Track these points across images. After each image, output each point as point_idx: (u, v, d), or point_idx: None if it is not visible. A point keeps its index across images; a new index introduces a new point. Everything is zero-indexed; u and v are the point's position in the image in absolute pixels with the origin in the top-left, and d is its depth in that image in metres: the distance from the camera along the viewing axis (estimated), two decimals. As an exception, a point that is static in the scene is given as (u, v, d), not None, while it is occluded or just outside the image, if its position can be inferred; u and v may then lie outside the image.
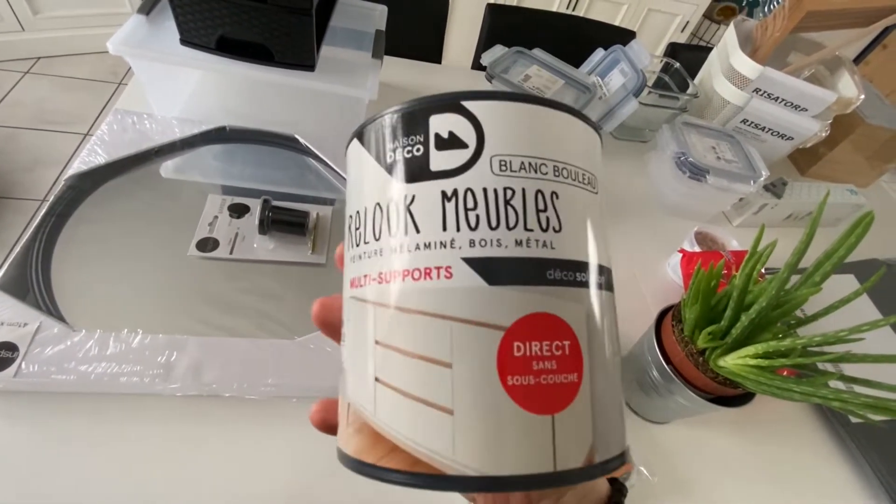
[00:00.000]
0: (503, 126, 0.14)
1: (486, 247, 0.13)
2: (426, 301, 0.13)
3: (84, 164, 0.46)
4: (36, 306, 0.36)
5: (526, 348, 0.13)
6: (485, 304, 0.13)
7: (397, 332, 0.13)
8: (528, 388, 0.12)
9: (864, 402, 0.26)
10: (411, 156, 0.14)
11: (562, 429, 0.13)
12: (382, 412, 0.13)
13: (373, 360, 0.14)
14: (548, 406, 0.13)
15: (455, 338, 0.13)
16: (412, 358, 0.13)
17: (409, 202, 0.14)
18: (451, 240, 0.13)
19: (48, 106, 1.46)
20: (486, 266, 0.13)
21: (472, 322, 0.13)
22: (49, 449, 0.33)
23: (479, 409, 0.12)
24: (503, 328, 0.13)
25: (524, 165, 0.14)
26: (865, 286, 0.30)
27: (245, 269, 0.43)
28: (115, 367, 0.34)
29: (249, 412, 0.37)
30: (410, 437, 0.13)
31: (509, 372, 0.12)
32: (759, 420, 0.47)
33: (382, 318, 0.14)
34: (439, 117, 0.14)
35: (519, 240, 0.13)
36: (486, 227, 0.13)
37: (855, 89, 0.66)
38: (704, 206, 0.64)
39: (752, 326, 0.32)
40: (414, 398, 0.13)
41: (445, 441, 0.12)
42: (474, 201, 0.13)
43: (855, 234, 0.30)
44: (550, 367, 0.13)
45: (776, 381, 0.30)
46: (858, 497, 0.44)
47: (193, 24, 0.46)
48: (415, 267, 0.13)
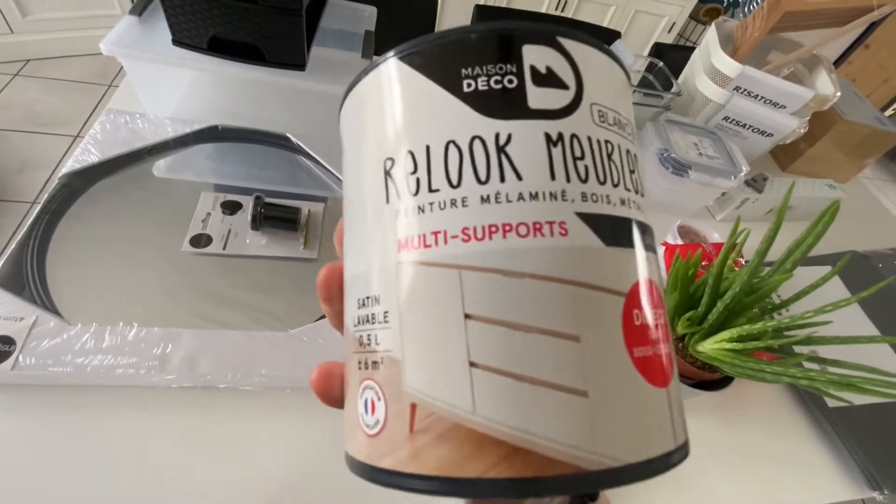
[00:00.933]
0: (597, 74, 0.13)
1: (597, 202, 0.12)
2: (540, 262, 0.11)
3: (77, 163, 0.47)
4: (32, 301, 0.37)
5: (642, 317, 0.12)
6: (605, 267, 0.11)
7: (504, 301, 0.11)
8: (648, 360, 0.11)
9: (828, 380, 0.27)
10: (502, 87, 0.12)
11: (674, 401, 0.12)
12: (488, 406, 0.11)
13: (465, 339, 0.11)
14: (664, 378, 0.12)
15: (579, 305, 0.11)
16: (528, 333, 0.11)
17: (505, 142, 0.12)
18: (563, 191, 0.11)
19: (38, 108, 1.45)
20: (601, 224, 0.12)
21: (595, 287, 0.11)
22: (46, 440, 0.33)
23: (615, 388, 0.11)
24: (623, 294, 0.11)
25: (616, 121, 0.13)
26: (834, 271, 0.31)
27: (238, 264, 0.44)
28: (111, 360, 0.35)
29: (244, 403, 0.38)
30: (536, 431, 0.10)
31: (634, 343, 0.11)
32: (740, 406, 0.49)
33: (477, 284, 0.11)
34: (534, 49, 0.12)
35: (623, 199, 0.12)
36: (596, 180, 0.12)
37: (832, 87, 0.68)
38: (688, 201, 0.65)
39: (727, 312, 0.34)
40: (536, 382, 0.10)
41: (584, 430, 0.10)
42: (581, 150, 0.12)
43: (822, 223, 0.31)
44: (659, 337, 0.12)
45: (749, 362, 0.32)
46: (836, 479, 0.46)
47: (185, 25, 0.47)
48: (520, 221, 0.11)
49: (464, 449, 0.11)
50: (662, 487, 0.42)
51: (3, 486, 0.31)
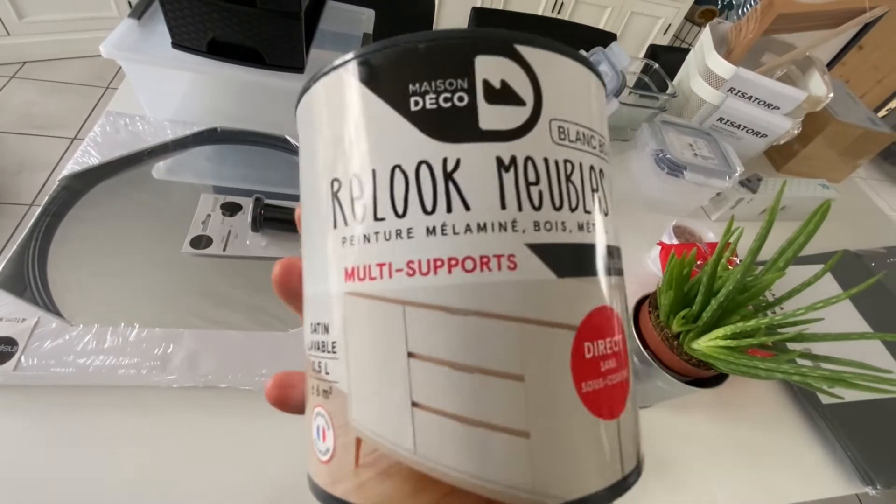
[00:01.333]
0: (560, 84, 0.12)
1: (551, 231, 0.11)
2: (485, 298, 0.10)
3: (78, 165, 0.47)
4: (34, 302, 0.37)
5: (595, 348, 0.11)
6: (555, 300, 0.11)
7: (447, 339, 0.10)
8: (598, 393, 0.11)
9: (820, 375, 0.28)
10: (451, 106, 0.11)
11: (624, 430, 0.12)
12: (428, 446, 0.10)
13: (407, 378, 0.11)
14: (614, 409, 0.11)
15: (525, 343, 0.10)
16: (471, 373, 0.10)
17: (452, 168, 0.11)
18: (513, 220, 0.11)
19: (34, 110, 1.45)
20: (554, 254, 0.11)
21: (544, 322, 0.11)
22: (49, 440, 0.34)
23: (558, 426, 0.10)
24: (574, 327, 0.11)
25: (580, 136, 0.12)
26: (825, 269, 0.32)
27: (238, 265, 0.45)
28: (113, 360, 0.35)
29: (244, 402, 0.38)
30: (475, 473, 0.10)
31: (583, 377, 0.11)
32: (736, 404, 0.49)
33: (421, 321, 0.11)
34: (488, 60, 0.11)
35: (581, 223, 0.11)
36: (551, 206, 0.11)
37: (824, 88, 0.69)
38: (683, 201, 0.66)
39: (721, 310, 0.34)
40: (476, 423, 0.10)
41: (523, 471, 0.10)
42: (536, 174, 0.11)
43: (814, 222, 0.32)
44: (612, 367, 0.11)
45: (743, 359, 0.32)
46: (829, 475, 0.47)
47: (185, 28, 0.47)
48: (466, 254, 0.11)
49: (404, 487, 0.10)
50: (657, 483, 0.42)
51: (5, 486, 0.31)
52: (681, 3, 1.87)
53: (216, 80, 0.54)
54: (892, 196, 2.31)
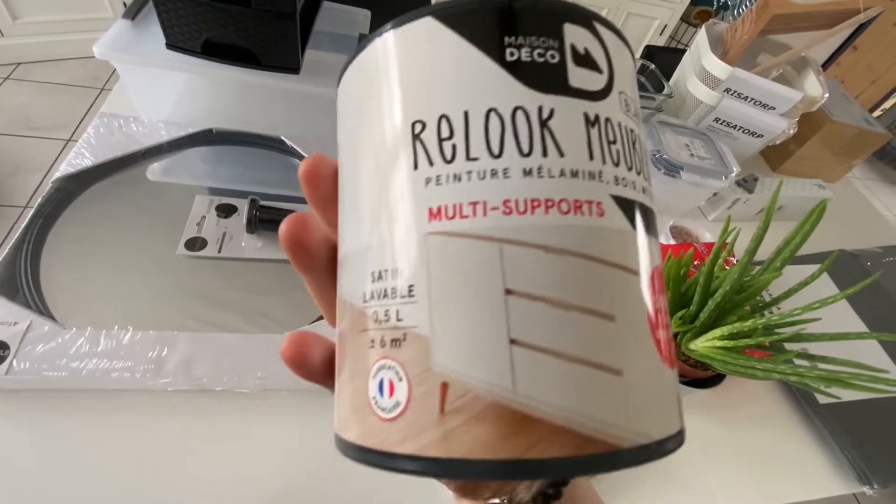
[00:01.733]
0: (623, 64, 0.13)
1: (626, 187, 0.12)
2: (581, 240, 0.11)
3: (71, 167, 0.47)
4: (26, 305, 0.37)
5: (659, 302, 0.12)
6: (635, 251, 0.12)
7: (546, 277, 0.11)
8: (663, 342, 0.12)
9: (817, 375, 0.28)
10: (544, 61, 0.12)
11: (677, 382, 0.13)
12: (528, 383, 0.10)
13: (504, 315, 0.11)
14: (671, 358, 0.12)
15: (615, 286, 0.11)
16: (569, 311, 0.11)
17: (548, 116, 0.11)
18: (600, 172, 0.11)
19: (29, 112, 1.45)
20: (630, 208, 0.12)
21: (627, 269, 0.11)
22: (41, 445, 0.33)
23: (644, 367, 0.11)
24: (646, 277, 0.12)
25: (636, 112, 0.13)
26: (822, 269, 0.32)
27: (234, 267, 0.44)
28: (106, 363, 0.35)
29: (240, 405, 0.38)
30: (575, 409, 0.10)
31: (655, 326, 0.12)
32: (733, 404, 0.49)
33: (519, 259, 0.11)
34: (575, 29, 0.12)
35: (644, 187, 0.12)
36: (625, 165, 0.12)
37: (819, 88, 0.69)
38: (680, 201, 0.66)
39: (718, 310, 0.34)
40: (577, 360, 0.10)
41: (620, 408, 0.10)
42: (614, 134, 0.12)
43: (810, 222, 0.32)
44: (667, 322, 0.13)
45: (740, 360, 0.32)
46: (827, 474, 0.47)
47: (179, 29, 0.47)
48: (562, 197, 0.11)
49: (501, 429, 0.10)
50: (655, 482, 0.42)
51: (-3, 492, 0.31)
52: (676, 4, 1.88)
53: (211, 81, 0.54)
54: (888, 196, 2.32)
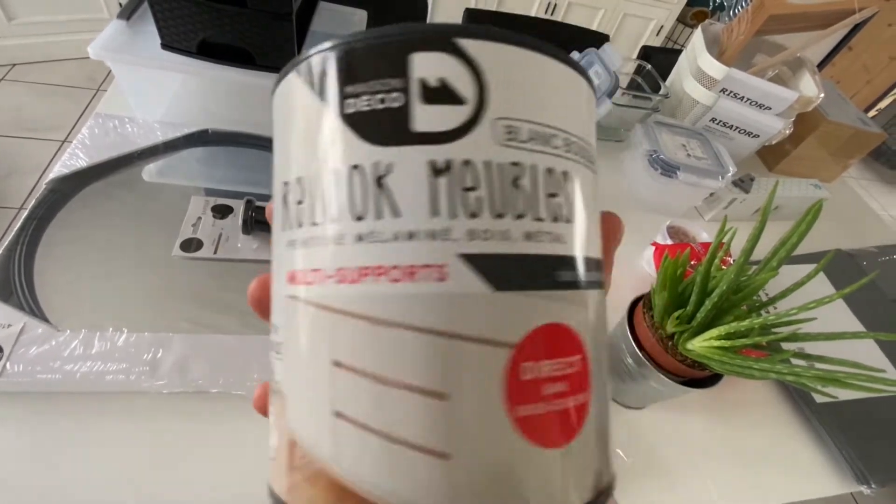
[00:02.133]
0: (511, 79, 0.11)
1: (489, 240, 0.10)
2: (409, 310, 0.10)
3: (65, 168, 0.47)
4: (20, 307, 0.36)
5: (536, 370, 0.10)
6: (489, 316, 0.10)
7: (371, 352, 0.10)
8: (537, 419, 0.10)
9: (814, 375, 0.28)
10: (385, 108, 0.10)
11: (573, 461, 0.11)
12: (349, 459, 0.10)
13: (331, 387, 0.10)
14: (559, 437, 0.10)
15: (449, 359, 0.10)
16: (393, 388, 0.10)
17: (383, 173, 0.10)
18: (445, 229, 0.10)
19: (24, 113, 1.44)
20: (492, 266, 0.10)
21: (474, 339, 0.10)
22: (35, 448, 0.33)
23: (483, 452, 0.10)
24: (511, 346, 0.10)
25: (535, 135, 0.11)
26: (818, 268, 0.32)
27: (229, 268, 0.44)
28: (101, 366, 0.35)
29: (236, 407, 0.37)
30: (392, 491, 0.10)
31: (517, 401, 0.10)
32: (730, 404, 0.49)
33: (346, 331, 0.10)
34: (426, 57, 0.10)
35: (529, 232, 0.10)
36: (490, 214, 0.10)
37: (815, 88, 0.69)
38: (676, 201, 0.66)
39: (715, 310, 0.34)
40: (396, 441, 0.10)
41: (441, 495, 0.10)
42: (474, 179, 0.10)
43: (806, 222, 0.32)
44: (562, 390, 0.11)
45: (737, 360, 0.32)
46: (824, 474, 0.47)
47: (174, 29, 0.47)
48: (394, 264, 0.10)
49: (327, 496, 0.10)
50: (653, 483, 0.42)
51: (-10, 496, 0.31)
52: (673, 5, 1.88)
53: (206, 82, 0.54)
54: (883, 195, 2.33)
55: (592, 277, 0.12)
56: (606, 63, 0.66)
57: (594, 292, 0.12)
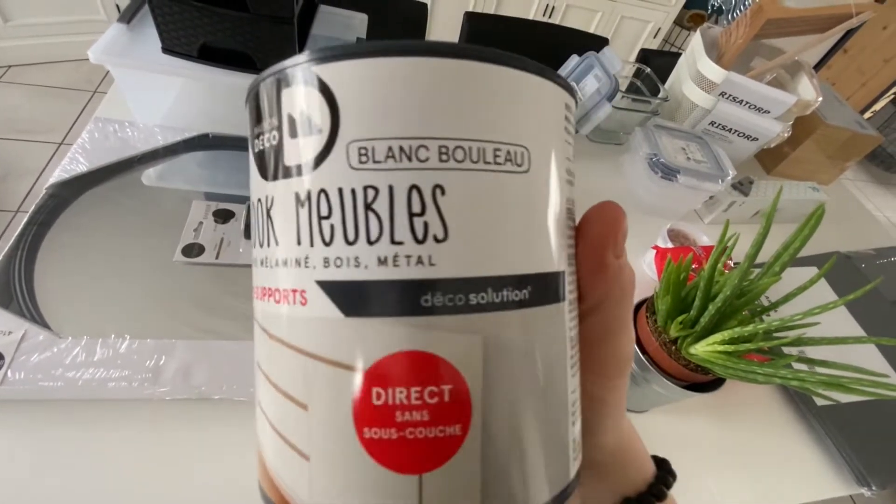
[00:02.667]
0: (363, 97, 0.10)
1: (341, 267, 0.10)
2: (284, 329, 0.11)
3: (65, 173, 0.46)
4: (20, 314, 0.36)
5: (387, 396, 0.10)
6: (339, 340, 0.10)
7: (267, 358, 0.12)
8: (388, 444, 0.10)
9: (818, 380, 0.28)
10: (269, 145, 0.11)
11: (432, 491, 0.10)
12: (262, 439, 0.12)
13: (257, 387, 0.13)
14: (414, 464, 0.10)
15: (310, 377, 0.11)
16: (276, 391, 0.11)
17: (269, 206, 0.11)
18: (306, 257, 0.11)
19: (21, 115, 1.43)
20: (342, 291, 0.10)
21: (326, 360, 0.10)
22: (37, 456, 0.33)
23: (333, 461, 0.11)
24: (360, 370, 0.10)
25: (392, 152, 0.10)
26: (820, 274, 0.32)
27: (232, 273, 0.44)
28: (103, 373, 0.35)
29: (239, 413, 0.37)
30: (277, 471, 0.12)
31: (366, 423, 0.10)
32: (731, 406, 0.50)
33: (259, 340, 0.12)
34: (290, 92, 0.11)
35: (383, 257, 0.10)
36: (343, 241, 0.10)
37: (813, 92, 0.69)
38: (676, 204, 0.66)
39: (718, 315, 0.34)
40: (279, 434, 0.11)
41: (303, 486, 0.11)
42: (328, 207, 0.10)
43: (808, 227, 0.32)
44: (420, 419, 0.10)
45: (741, 364, 0.32)
46: (825, 476, 0.47)
47: (175, 33, 0.46)
48: (275, 287, 0.11)
49: (265, 479, 0.12)
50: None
51: (-9, 505, 0.30)
52: (670, 8, 1.89)
53: (207, 86, 0.54)
54: (878, 196, 2.35)
55: (489, 298, 0.11)
56: (606, 67, 0.67)
57: (497, 314, 0.11)
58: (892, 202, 2.34)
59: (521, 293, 0.11)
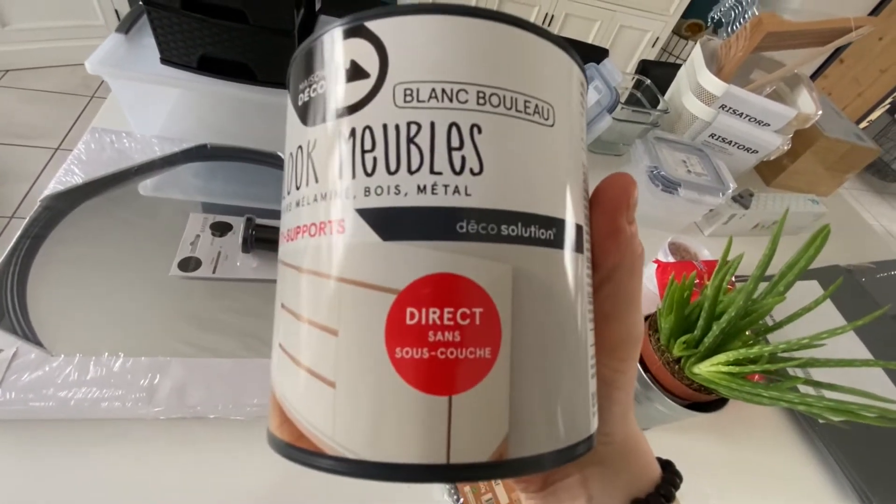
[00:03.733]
0: (411, 46, 0.12)
1: (381, 195, 0.11)
2: (319, 259, 0.12)
3: (60, 184, 0.46)
4: (12, 331, 0.35)
5: (421, 316, 0.11)
6: (376, 263, 0.11)
7: (294, 294, 0.12)
8: (419, 363, 0.11)
9: (825, 406, 0.27)
10: (315, 95, 0.12)
11: (461, 414, 0.11)
12: (279, 381, 0.13)
13: (277, 325, 0.13)
14: (444, 385, 0.11)
15: (343, 301, 0.11)
16: (304, 323, 0.12)
17: (312, 148, 0.12)
18: (346, 189, 0.11)
19: (16, 119, 1.42)
20: (381, 218, 0.11)
21: (361, 284, 0.11)
22: (28, 478, 0.32)
23: (361, 384, 0.11)
24: (395, 291, 0.11)
25: (435, 93, 0.11)
26: (825, 295, 0.32)
27: (229, 288, 0.43)
28: (96, 392, 0.34)
29: (235, 433, 0.36)
30: (296, 407, 0.12)
31: (398, 343, 0.11)
32: (734, 424, 0.49)
33: (284, 279, 0.13)
34: (343, 45, 0.12)
35: (422, 185, 0.11)
36: (384, 171, 0.11)
37: (813, 105, 0.70)
38: (677, 217, 0.66)
39: (723, 335, 0.34)
40: (303, 367, 0.12)
41: (326, 417, 0.11)
42: (372, 141, 0.11)
43: (814, 247, 0.32)
44: (451, 339, 0.11)
45: (746, 386, 0.32)
46: (828, 494, 0.46)
47: (174, 44, 0.46)
48: (311, 222, 0.12)
49: (275, 415, 0.13)
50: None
51: (-21, 530, 0.30)
52: (668, 17, 1.90)
53: (205, 96, 0.53)
54: (874, 206, 2.36)
55: (520, 231, 0.12)
56: (607, 78, 0.67)
57: (526, 247, 0.12)
58: (888, 211, 2.35)
59: (547, 233, 0.12)
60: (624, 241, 0.15)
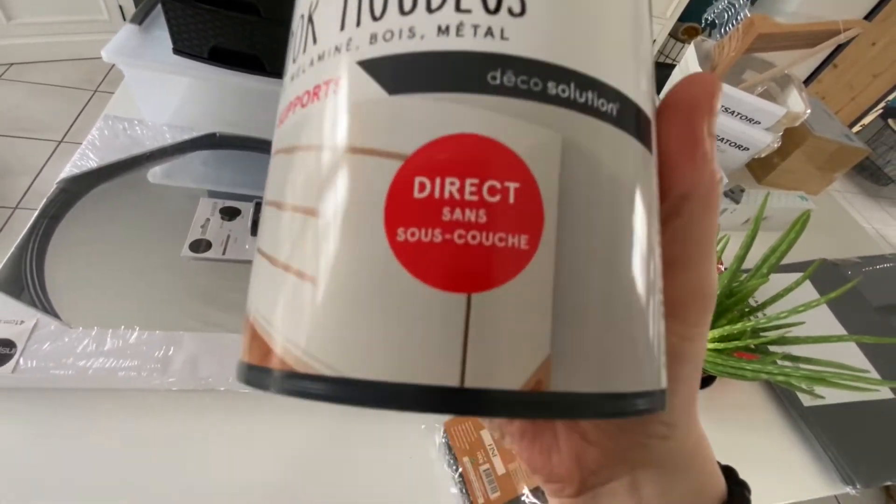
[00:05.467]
0: None
1: (391, 40, 0.09)
2: (308, 131, 0.09)
3: (76, 168, 0.47)
4: (32, 304, 0.37)
5: (434, 187, 0.08)
6: (377, 123, 0.09)
7: (279, 181, 0.10)
8: (428, 248, 0.08)
9: (802, 375, 0.29)
10: None
11: (484, 320, 0.08)
12: (252, 293, 0.10)
13: (261, 229, 0.11)
14: (461, 279, 0.08)
15: (335, 175, 0.09)
16: (286, 211, 0.09)
17: (314, 7, 0.10)
18: (349, 40, 0.09)
19: (21, 113, 1.43)
20: (389, 67, 0.09)
21: (358, 150, 0.09)
22: (48, 443, 0.33)
23: (349, 276, 0.08)
24: (401, 157, 0.08)
25: None
26: (805, 275, 0.34)
27: (238, 268, 0.45)
28: (113, 362, 0.35)
29: (243, 405, 0.38)
30: (266, 317, 0.09)
31: (402, 222, 0.08)
32: (719, 407, 0.51)
33: (273, 168, 0.10)
34: None
35: (444, 26, 0.09)
36: (397, 11, 0.09)
37: (802, 104, 0.72)
38: (670, 210, 0.68)
39: (709, 314, 0.36)
40: (280, 264, 0.09)
41: (300, 324, 0.08)
42: None
43: (794, 231, 0.34)
44: (474, 220, 0.08)
45: (731, 361, 0.34)
46: (811, 475, 0.48)
47: (187, 35, 0.48)
48: (305, 90, 0.10)
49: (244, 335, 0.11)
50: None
51: (4, 490, 0.31)
52: (666, 20, 1.93)
53: (215, 86, 0.55)
54: (866, 208, 2.39)
55: (574, 94, 0.09)
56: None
57: (580, 115, 0.09)
58: (880, 213, 2.38)
59: (609, 105, 0.09)
60: (701, 158, 0.11)
